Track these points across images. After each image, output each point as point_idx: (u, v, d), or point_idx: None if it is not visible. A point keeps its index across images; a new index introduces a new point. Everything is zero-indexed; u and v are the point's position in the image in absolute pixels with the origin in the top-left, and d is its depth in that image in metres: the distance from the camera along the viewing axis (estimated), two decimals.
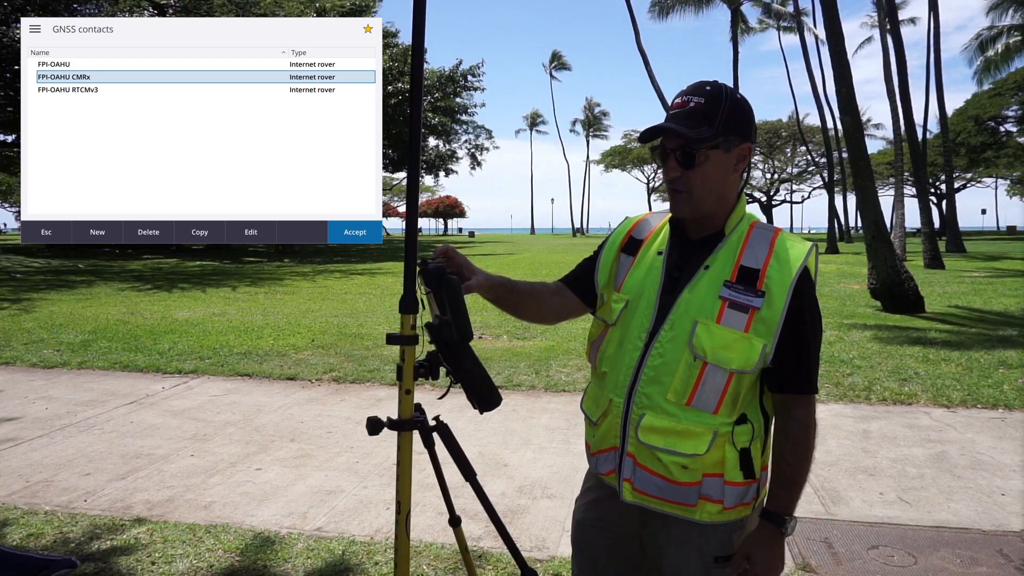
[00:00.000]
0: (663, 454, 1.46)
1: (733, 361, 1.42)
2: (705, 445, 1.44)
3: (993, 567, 3.07)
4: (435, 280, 1.57)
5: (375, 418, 1.59)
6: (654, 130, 1.50)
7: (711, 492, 1.46)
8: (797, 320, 1.44)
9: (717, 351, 1.43)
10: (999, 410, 5.51)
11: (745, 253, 1.49)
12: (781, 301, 1.43)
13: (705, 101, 1.47)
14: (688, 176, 1.48)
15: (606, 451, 1.57)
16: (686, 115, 1.47)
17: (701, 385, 1.44)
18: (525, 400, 5.89)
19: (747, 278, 1.45)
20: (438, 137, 40.76)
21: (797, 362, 1.47)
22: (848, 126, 11.62)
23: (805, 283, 1.46)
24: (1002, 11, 33.58)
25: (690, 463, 1.45)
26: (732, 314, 1.44)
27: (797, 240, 1.52)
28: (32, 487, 3.94)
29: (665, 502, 1.49)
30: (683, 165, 1.48)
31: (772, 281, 1.44)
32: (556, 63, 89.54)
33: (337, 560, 3.09)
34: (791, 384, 1.48)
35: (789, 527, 1.46)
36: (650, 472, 1.48)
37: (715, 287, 1.47)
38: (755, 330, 1.43)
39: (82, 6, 22.39)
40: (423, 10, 1.56)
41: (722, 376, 1.43)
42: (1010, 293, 13.52)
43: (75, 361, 7.31)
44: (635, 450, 1.50)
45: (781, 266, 1.45)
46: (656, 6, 40.05)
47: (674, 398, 1.46)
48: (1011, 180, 62.66)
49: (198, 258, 26.03)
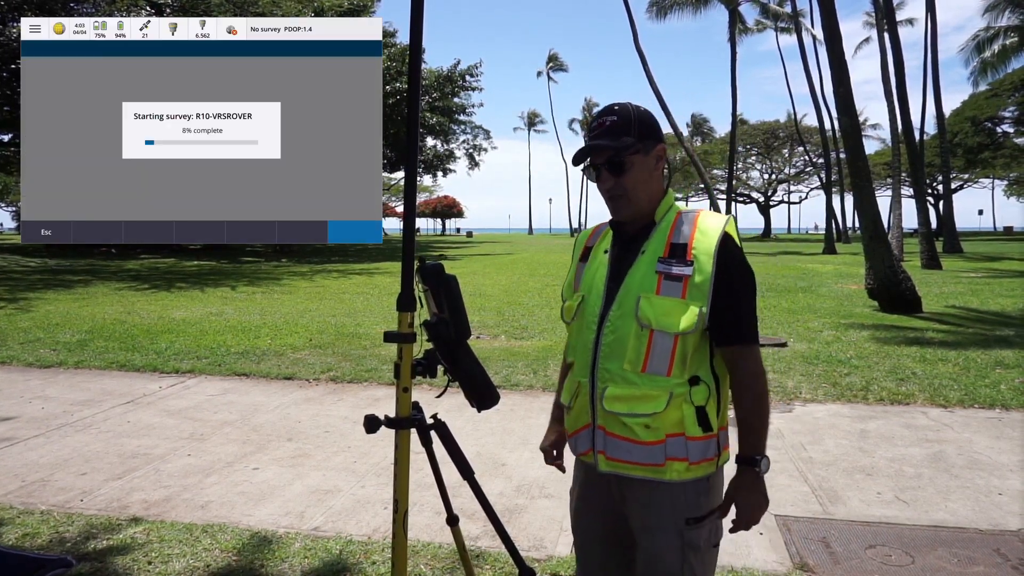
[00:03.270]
0: (626, 418, 1.63)
1: (675, 325, 1.60)
2: (663, 404, 1.61)
3: (990, 566, 3.07)
4: (433, 277, 1.56)
5: (372, 416, 1.58)
6: (583, 151, 1.73)
7: (676, 451, 1.63)
8: (726, 280, 1.63)
9: (660, 318, 1.61)
10: (996, 410, 5.51)
11: (674, 233, 1.70)
12: (708, 265, 1.62)
13: (618, 118, 1.71)
14: (621, 182, 1.70)
15: (580, 430, 1.75)
16: (606, 132, 1.70)
17: (651, 351, 1.62)
18: (523, 400, 5.89)
19: (677, 252, 1.66)
20: (436, 137, 40.71)
21: (735, 316, 1.64)
22: (846, 126, 11.63)
23: (728, 246, 1.66)
24: (998, 12, 33.63)
25: (651, 422, 1.62)
26: (668, 284, 1.63)
27: (715, 215, 1.72)
28: (28, 487, 3.93)
29: (636, 465, 1.65)
30: (615, 174, 1.70)
31: (698, 250, 1.64)
32: (553, 64, 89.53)
33: (334, 560, 3.08)
34: (733, 336, 1.66)
35: (763, 465, 1.64)
36: (618, 437, 1.66)
37: (651, 264, 1.67)
38: (691, 295, 1.62)
39: (80, 5, 22.35)
40: (421, 10, 1.56)
41: (668, 340, 1.61)
42: (1007, 293, 13.54)
43: (72, 360, 7.29)
44: (604, 421, 1.68)
45: (704, 236, 1.65)
46: (654, 6, 40.11)
47: (630, 367, 1.64)
48: (1008, 181, 62.89)
49: (195, 258, 25.98)
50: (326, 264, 23.45)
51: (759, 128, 64.59)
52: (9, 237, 55.74)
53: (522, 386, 6.31)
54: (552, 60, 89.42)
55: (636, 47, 29.79)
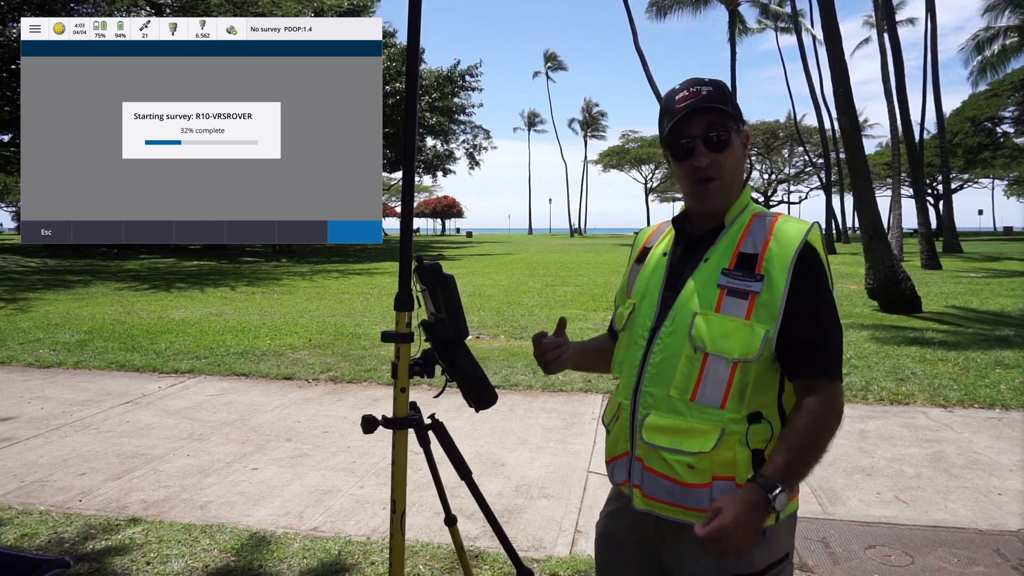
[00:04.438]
0: (668, 454, 1.39)
1: (735, 350, 1.36)
2: (712, 442, 1.36)
3: (990, 566, 3.07)
4: (431, 277, 1.56)
5: (370, 416, 1.58)
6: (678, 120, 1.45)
7: (722, 497, 1.34)
8: (803, 300, 1.37)
9: (717, 340, 1.37)
10: (996, 410, 5.51)
11: (744, 240, 1.44)
12: (782, 282, 1.36)
13: (713, 88, 1.47)
14: (719, 160, 1.45)
15: (619, 457, 1.52)
16: (703, 102, 1.44)
17: (704, 378, 1.38)
18: (522, 400, 5.89)
19: (745, 264, 1.41)
20: (436, 137, 40.76)
21: (811, 343, 1.37)
22: (845, 127, 11.63)
23: (809, 259, 1.39)
24: (998, 12, 33.68)
25: (696, 462, 1.37)
26: (731, 301, 1.39)
27: (796, 221, 1.46)
28: (27, 487, 3.93)
29: (676, 507, 1.41)
30: (714, 150, 1.44)
31: (771, 263, 1.38)
32: (551, 64, 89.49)
33: (333, 560, 3.08)
34: (809, 367, 1.38)
35: (778, 502, 1.27)
36: (657, 474, 1.42)
37: (714, 276, 1.42)
38: (757, 316, 1.37)
39: (79, 5, 22.35)
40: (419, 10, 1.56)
41: (725, 367, 1.36)
42: (1007, 293, 13.54)
43: (71, 361, 7.28)
44: (643, 453, 1.44)
45: (780, 247, 1.39)
46: (654, 6, 40.10)
47: (677, 394, 1.40)
48: (1008, 181, 62.93)
49: (195, 258, 25.98)
50: (326, 264, 23.45)
51: (759, 128, 64.53)
52: (9, 237, 55.76)
53: (521, 386, 6.31)
54: (550, 59, 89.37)
55: (636, 47, 29.76)
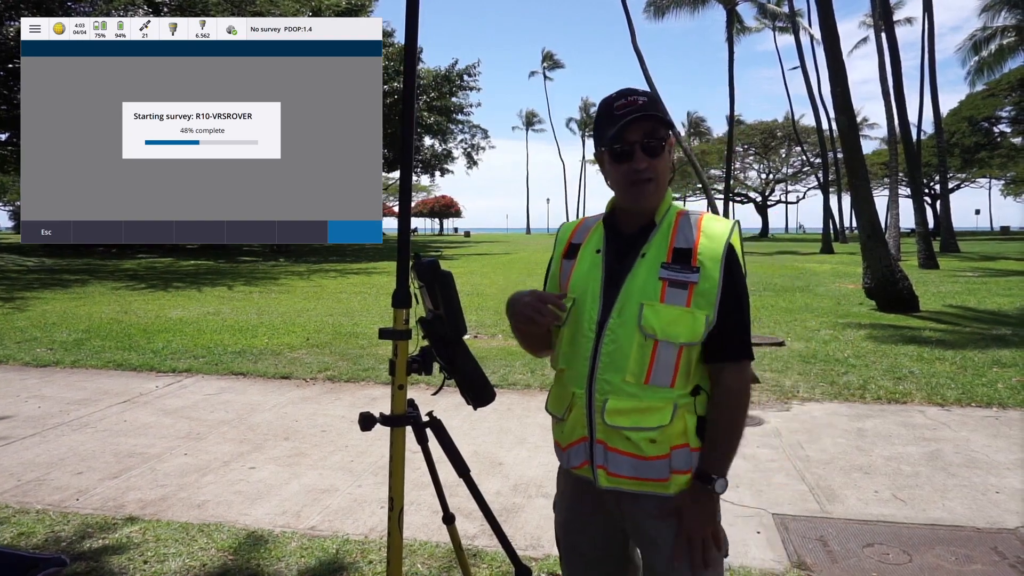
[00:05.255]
0: (631, 432, 1.54)
1: (681, 335, 1.52)
2: (668, 416, 1.53)
3: (988, 564, 3.07)
4: (428, 274, 1.56)
5: (367, 414, 1.58)
6: (621, 126, 1.55)
7: (680, 463, 1.55)
8: (731, 290, 1.55)
9: (666, 327, 1.52)
10: (993, 408, 5.52)
11: (676, 236, 1.59)
12: (716, 272, 1.53)
13: (648, 99, 1.59)
14: (654, 165, 1.58)
15: (576, 443, 1.63)
16: (641, 110, 1.56)
17: (655, 363, 1.53)
18: (520, 399, 5.88)
19: (681, 257, 1.56)
20: (434, 137, 40.70)
21: (735, 330, 1.56)
22: (843, 126, 11.64)
23: (734, 254, 1.57)
24: (995, 13, 33.73)
25: (658, 436, 1.53)
26: (673, 292, 1.53)
27: (720, 219, 1.62)
28: (24, 486, 3.92)
29: (640, 481, 1.56)
30: (651, 155, 1.57)
31: (704, 256, 1.54)
32: (549, 63, 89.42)
33: (331, 559, 3.08)
34: (728, 352, 1.57)
35: (718, 486, 1.55)
36: (621, 453, 1.56)
37: (654, 270, 1.56)
38: (696, 303, 1.53)
39: (77, 4, 22.30)
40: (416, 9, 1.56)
41: (673, 351, 1.52)
42: (1004, 293, 13.56)
43: (68, 360, 7.27)
44: (604, 436, 1.57)
45: (710, 242, 1.56)
46: (651, 6, 40.06)
47: (632, 379, 1.54)
48: (1005, 180, 62.96)
49: (192, 257, 25.94)
50: (323, 264, 23.42)
51: (756, 128, 64.62)
52: (6, 237, 55.60)
53: (519, 385, 6.31)
54: (547, 59, 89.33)
55: (634, 47, 29.78)
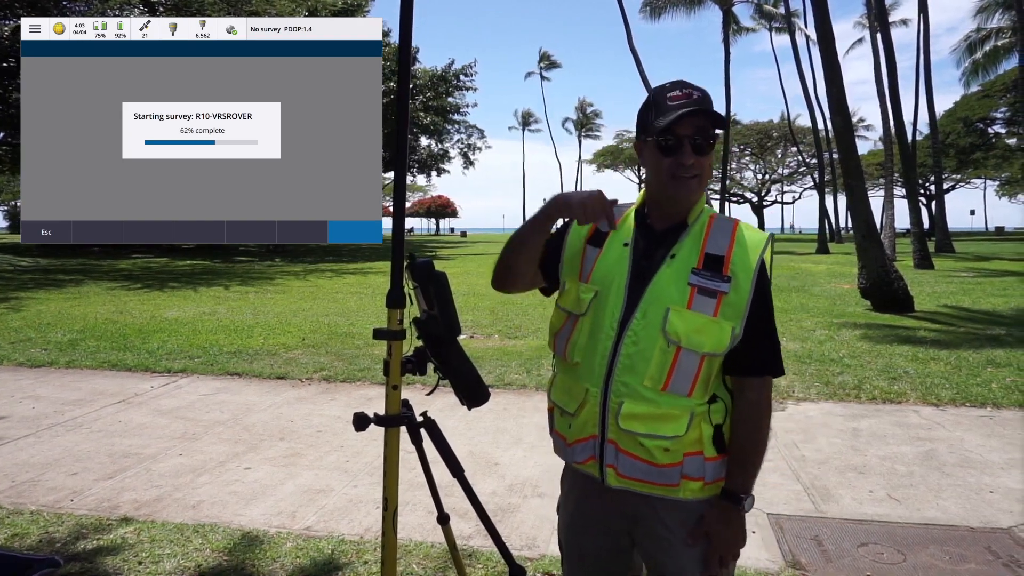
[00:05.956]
0: (645, 439, 1.50)
1: (705, 344, 1.48)
2: (684, 426, 1.50)
3: (981, 563, 3.08)
4: (423, 274, 1.56)
5: (362, 414, 1.58)
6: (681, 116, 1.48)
7: (692, 471, 1.52)
8: (761, 303, 1.52)
9: (691, 335, 1.48)
10: (987, 408, 5.54)
11: (708, 241, 1.54)
12: (747, 284, 1.50)
13: (702, 95, 1.53)
14: (700, 162, 1.52)
15: (584, 440, 1.59)
16: (698, 104, 1.50)
17: (676, 370, 1.49)
18: (516, 399, 5.88)
19: (713, 264, 1.51)
20: (430, 137, 40.66)
21: (763, 344, 1.53)
22: (839, 127, 11.67)
23: (766, 268, 1.54)
24: (989, 14, 33.87)
25: (672, 445, 1.50)
26: (701, 299, 1.49)
27: (755, 230, 1.59)
28: (18, 486, 3.90)
29: (649, 484, 1.54)
30: (699, 152, 1.51)
31: (737, 266, 1.51)
32: (545, 63, 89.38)
33: (326, 559, 3.07)
34: (754, 366, 1.54)
35: (746, 504, 1.53)
36: (633, 457, 1.52)
37: (683, 274, 1.52)
38: (723, 314, 1.49)
39: (72, 3, 22.21)
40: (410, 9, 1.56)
41: (695, 360, 1.48)
42: (998, 293, 13.61)
43: (63, 360, 7.24)
44: (616, 437, 1.53)
45: (745, 252, 1.52)
46: (648, 7, 40.11)
47: (650, 384, 1.50)
48: (1000, 181, 63.22)
49: (188, 257, 25.87)
50: (319, 264, 23.39)
51: (753, 128, 64.67)
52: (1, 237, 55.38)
53: (515, 385, 6.31)
54: (544, 59, 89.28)
55: (630, 47, 29.78)
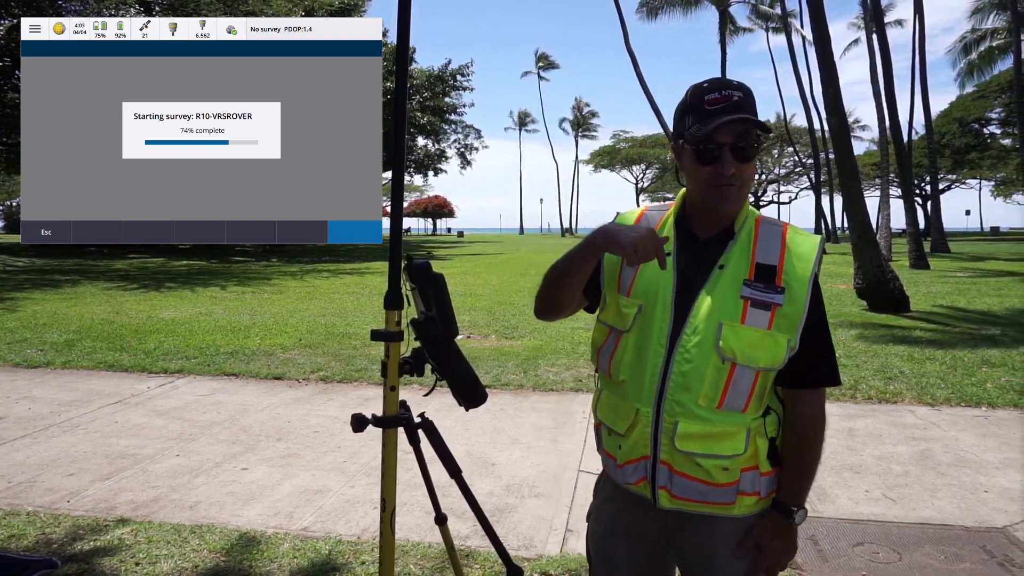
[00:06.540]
0: (703, 459, 1.44)
1: (761, 359, 1.42)
2: (743, 444, 1.45)
3: (976, 563, 3.10)
4: (420, 275, 1.56)
5: (359, 415, 1.58)
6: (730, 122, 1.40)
7: (748, 487, 1.47)
8: (816, 314, 1.46)
9: (746, 351, 1.41)
10: (982, 408, 5.56)
11: (758, 250, 1.47)
12: (803, 296, 1.43)
13: (743, 95, 1.43)
14: (742, 170, 1.44)
15: (635, 461, 1.52)
16: (735, 108, 1.41)
17: (731, 387, 1.42)
18: (513, 399, 5.89)
19: (765, 275, 1.44)
20: (427, 137, 40.66)
21: (820, 356, 1.49)
22: (835, 127, 11.70)
23: (817, 280, 1.49)
24: (984, 15, 34.00)
25: (731, 464, 1.45)
26: (755, 313, 1.42)
27: (806, 234, 1.51)
28: (14, 488, 3.90)
29: (704, 504, 1.48)
30: (741, 160, 1.43)
31: (791, 277, 1.44)
32: (543, 63, 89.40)
33: (323, 560, 3.07)
34: (809, 379, 1.49)
35: (797, 517, 1.50)
36: (689, 478, 1.46)
37: (735, 287, 1.44)
38: (777, 326, 1.42)
39: (68, 3, 22.16)
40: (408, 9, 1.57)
41: (750, 375, 1.42)
42: (993, 293, 13.66)
43: (59, 361, 7.22)
44: (670, 457, 1.46)
45: (799, 262, 1.45)
46: (644, 7, 40.23)
47: (705, 402, 1.43)
48: (995, 182, 63.38)
49: (185, 257, 25.82)
50: (316, 264, 23.37)
51: None
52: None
53: (512, 386, 6.31)
54: (542, 59, 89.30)
55: (627, 47, 29.80)
